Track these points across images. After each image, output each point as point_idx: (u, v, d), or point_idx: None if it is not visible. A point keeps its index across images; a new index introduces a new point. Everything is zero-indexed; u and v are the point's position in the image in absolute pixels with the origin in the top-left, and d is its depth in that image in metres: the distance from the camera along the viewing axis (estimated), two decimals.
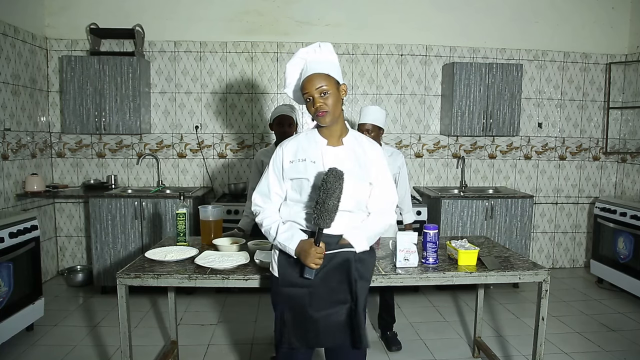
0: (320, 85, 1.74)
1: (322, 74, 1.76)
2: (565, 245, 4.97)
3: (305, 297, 1.77)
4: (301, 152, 1.82)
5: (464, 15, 4.58)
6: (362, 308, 1.82)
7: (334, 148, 1.82)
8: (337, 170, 1.65)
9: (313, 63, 1.78)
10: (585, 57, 4.78)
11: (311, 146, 1.83)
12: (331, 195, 1.62)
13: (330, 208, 1.63)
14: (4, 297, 2.93)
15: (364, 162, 1.83)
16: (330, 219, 1.65)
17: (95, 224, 3.93)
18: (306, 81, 1.77)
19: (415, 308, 3.81)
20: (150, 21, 4.35)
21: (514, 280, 2.20)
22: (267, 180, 1.88)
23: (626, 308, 3.84)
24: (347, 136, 1.86)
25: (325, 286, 1.76)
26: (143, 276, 2.06)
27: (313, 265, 1.69)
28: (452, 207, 4.06)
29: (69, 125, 4.11)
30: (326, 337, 1.78)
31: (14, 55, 3.87)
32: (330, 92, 1.75)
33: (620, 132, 4.87)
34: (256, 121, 4.55)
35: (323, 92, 1.74)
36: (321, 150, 1.81)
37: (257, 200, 1.90)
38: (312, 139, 1.85)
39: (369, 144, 1.90)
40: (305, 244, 1.72)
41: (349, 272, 1.77)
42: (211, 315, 3.65)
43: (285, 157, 1.83)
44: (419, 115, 4.67)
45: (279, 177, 1.85)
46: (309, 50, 1.82)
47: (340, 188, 1.64)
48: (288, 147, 1.86)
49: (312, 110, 1.77)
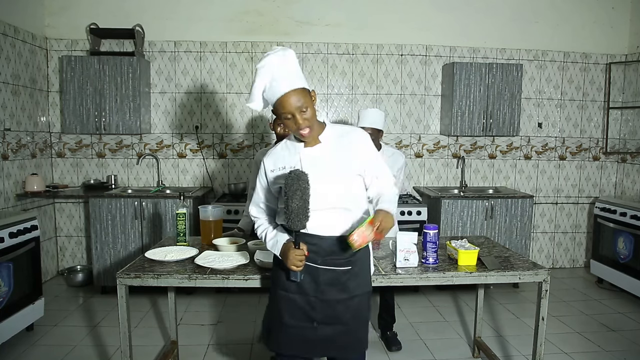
0: (299, 103, 1.68)
1: (297, 89, 1.69)
2: (565, 245, 4.97)
3: (301, 305, 1.79)
4: (281, 160, 1.83)
5: (464, 15, 4.58)
6: (364, 323, 1.85)
7: (312, 148, 1.80)
8: (296, 171, 1.64)
9: (283, 79, 1.69)
10: (585, 57, 4.78)
11: (289, 152, 1.83)
12: (292, 197, 1.61)
13: (296, 209, 1.62)
14: (4, 297, 2.93)
15: (348, 154, 1.79)
16: (299, 220, 1.64)
17: (95, 224, 3.93)
18: (283, 100, 1.68)
19: (415, 308, 3.81)
20: (150, 21, 4.35)
21: (514, 280, 2.20)
22: (256, 192, 1.91)
23: (626, 308, 3.84)
24: (324, 132, 1.81)
25: (321, 301, 1.77)
26: (143, 276, 2.06)
27: (294, 267, 1.70)
28: (452, 207, 4.06)
29: (69, 125, 4.11)
30: (318, 349, 1.81)
31: (14, 55, 3.87)
32: (307, 106, 1.71)
33: (620, 132, 4.87)
34: (256, 121, 4.55)
35: (303, 109, 1.69)
36: (299, 154, 1.80)
37: (252, 212, 1.95)
38: (290, 145, 1.84)
39: (350, 134, 1.83)
40: (286, 248, 1.74)
41: (342, 290, 1.78)
42: (211, 315, 3.65)
43: (267, 168, 1.85)
44: (419, 115, 4.67)
45: (265, 188, 1.88)
46: (272, 61, 1.71)
47: (302, 188, 1.61)
48: (268, 158, 1.87)
49: (293, 128, 1.72)
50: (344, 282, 1.78)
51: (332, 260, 1.77)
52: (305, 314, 1.78)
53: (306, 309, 1.78)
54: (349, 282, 1.79)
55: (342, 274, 1.78)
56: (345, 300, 1.78)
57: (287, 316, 1.80)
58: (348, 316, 1.78)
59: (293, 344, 1.80)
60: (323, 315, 1.77)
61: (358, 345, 1.84)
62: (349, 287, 1.79)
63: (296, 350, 1.81)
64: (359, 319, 1.82)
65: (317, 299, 1.77)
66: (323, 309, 1.77)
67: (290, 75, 1.71)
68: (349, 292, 1.78)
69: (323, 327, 1.78)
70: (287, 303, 1.80)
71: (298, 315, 1.79)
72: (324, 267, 1.77)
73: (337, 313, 1.78)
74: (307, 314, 1.78)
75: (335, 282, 1.77)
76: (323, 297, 1.77)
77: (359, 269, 1.82)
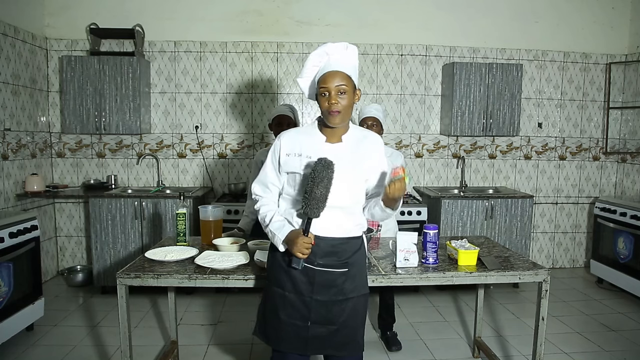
0: (341, 84, 1.72)
1: (345, 73, 1.74)
2: (565, 245, 4.97)
3: (295, 304, 1.79)
4: (298, 146, 1.80)
5: (464, 15, 4.58)
6: (360, 325, 1.84)
7: (332, 145, 1.80)
8: (326, 160, 1.64)
9: (338, 61, 1.75)
10: (585, 57, 4.78)
11: (309, 141, 1.81)
12: (319, 184, 1.61)
13: (318, 197, 1.62)
14: (4, 297, 2.93)
15: (362, 158, 1.81)
16: (318, 208, 1.64)
17: (95, 224, 3.93)
18: (327, 75, 1.73)
19: (415, 308, 3.81)
20: (150, 21, 4.35)
21: (514, 280, 2.20)
22: (265, 170, 1.89)
23: (626, 308, 3.84)
24: (347, 133, 1.83)
25: (316, 302, 1.77)
26: (143, 276, 2.06)
27: (300, 254, 1.70)
28: (452, 207, 4.06)
29: (69, 125, 4.11)
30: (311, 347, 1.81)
31: (14, 55, 3.87)
32: (347, 94, 1.73)
33: (620, 132, 4.87)
34: (256, 121, 4.55)
35: (341, 91, 1.72)
36: (319, 147, 1.79)
37: (256, 190, 1.92)
38: (312, 134, 1.83)
39: (368, 138, 1.86)
40: (293, 234, 1.73)
41: (338, 292, 1.78)
42: (211, 315, 3.65)
43: (282, 149, 1.82)
44: (419, 115, 4.67)
45: (276, 168, 1.86)
46: (336, 47, 1.77)
47: (329, 177, 1.62)
48: (286, 139, 1.84)
49: (325, 105, 1.74)
50: (341, 284, 1.77)
51: (329, 261, 1.77)
52: (299, 313, 1.78)
53: (301, 309, 1.78)
54: (346, 284, 1.78)
55: (339, 275, 1.78)
56: (341, 302, 1.78)
57: (281, 313, 1.80)
58: (343, 318, 1.78)
59: (286, 340, 1.80)
60: (318, 315, 1.77)
61: (354, 347, 1.83)
62: (345, 289, 1.78)
63: (289, 346, 1.80)
64: (354, 320, 1.81)
65: (312, 300, 1.76)
66: (318, 309, 1.77)
67: (348, 62, 1.76)
68: (345, 294, 1.78)
69: (317, 326, 1.77)
70: (282, 300, 1.80)
71: (292, 314, 1.78)
72: (320, 268, 1.76)
73: (333, 314, 1.77)
74: (301, 313, 1.78)
75: (331, 284, 1.77)
76: (318, 298, 1.76)
77: (355, 271, 1.82)
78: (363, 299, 1.85)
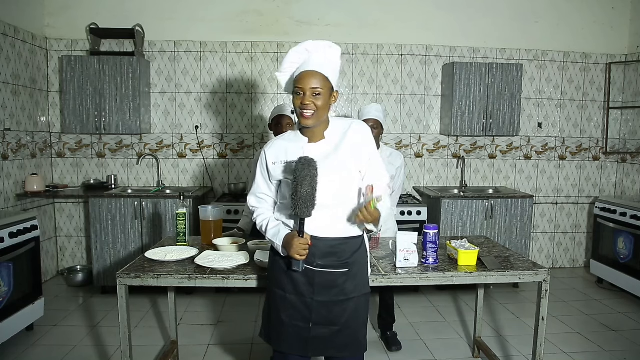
0: (316, 86, 1.70)
1: (321, 74, 1.72)
2: (565, 245, 4.97)
3: (297, 305, 1.79)
4: (283, 153, 1.81)
5: (464, 15, 4.58)
6: (362, 325, 1.84)
7: (316, 144, 1.79)
8: (306, 158, 1.64)
9: (317, 60, 1.72)
10: (585, 57, 4.78)
11: (292, 146, 1.81)
12: (302, 183, 1.61)
13: (304, 195, 1.61)
14: (4, 297, 2.93)
15: (349, 151, 1.77)
16: (307, 207, 1.63)
17: (95, 224, 3.93)
18: (304, 75, 1.72)
19: (415, 308, 3.81)
20: (150, 21, 4.35)
21: (514, 280, 2.20)
22: (256, 182, 1.90)
23: (626, 308, 3.84)
24: (329, 129, 1.81)
25: (317, 303, 1.77)
26: (143, 276, 2.06)
27: (297, 256, 1.69)
28: (452, 207, 4.06)
29: (69, 125, 4.11)
30: (313, 348, 1.80)
31: (14, 55, 3.87)
32: (322, 95, 1.71)
33: (620, 132, 4.87)
34: (256, 121, 4.55)
35: (316, 93, 1.71)
36: (302, 149, 1.78)
37: (251, 201, 1.94)
38: (294, 139, 1.84)
39: (352, 127, 1.81)
40: (289, 236, 1.73)
41: (340, 292, 1.77)
42: (211, 315, 3.65)
43: (268, 160, 1.83)
44: (419, 115, 4.67)
45: (265, 178, 1.87)
46: (318, 46, 1.75)
47: (312, 175, 1.61)
48: (270, 149, 1.85)
49: (297, 104, 1.73)
50: (342, 284, 1.77)
51: (328, 262, 1.76)
52: (300, 314, 1.78)
53: (302, 310, 1.77)
54: (347, 284, 1.78)
55: (339, 276, 1.77)
56: (342, 302, 1.77)
57: (283, 314, 1.80)
58: (345, 318, 1.78)
59: (288, 341, 1.80)
60: (319, 316, 1.76)
61: (356, 347, 1.83)
62: (346, 289, 1.78)
63: (291, 347, 1.80)
64: (356, 320, 1.81)
65: (313, 301, 1.76)
66: (320, 310, 1.76)
67: (328, 62, 1.74)
68: (346, 294, 1.78)
69: (319, 327, 1.77)
70: (283, 302, 1.80)
71: (294, 315, 1.78)
72: (320, 269, 1.76)
73: (334, 315, 1.77)
74: (302, 315, 1.77)
75: (332, 284, 1.76)
76: (319, 299, 1.76)
77: (356, 270, 1.81)
78: (364, 299, 1.84)
